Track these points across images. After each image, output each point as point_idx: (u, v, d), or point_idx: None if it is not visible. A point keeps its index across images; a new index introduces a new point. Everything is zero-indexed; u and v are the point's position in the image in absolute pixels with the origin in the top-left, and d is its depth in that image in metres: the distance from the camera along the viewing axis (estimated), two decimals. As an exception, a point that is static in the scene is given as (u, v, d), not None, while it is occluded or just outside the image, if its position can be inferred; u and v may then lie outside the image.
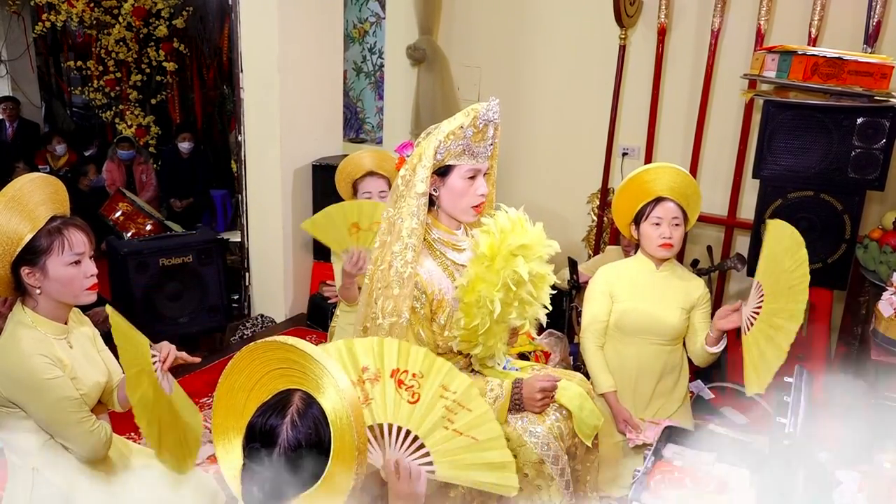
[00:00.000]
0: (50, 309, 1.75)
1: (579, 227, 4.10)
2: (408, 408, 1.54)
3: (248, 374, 1.36)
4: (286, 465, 1.25)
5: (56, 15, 6.02)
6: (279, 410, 1.27)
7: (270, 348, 1.33)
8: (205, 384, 3.24)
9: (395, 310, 1.81)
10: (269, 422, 1.27)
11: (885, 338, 2.36)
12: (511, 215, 1.90)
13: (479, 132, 1.84)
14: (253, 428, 1.29)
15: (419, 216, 1.81)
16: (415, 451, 1.55)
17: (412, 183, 1.82)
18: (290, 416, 1.26)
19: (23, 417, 1.71)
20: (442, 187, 1.88)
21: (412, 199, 1.82)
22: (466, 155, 1.85)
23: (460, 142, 1.82)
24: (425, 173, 1.80)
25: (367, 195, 2.83)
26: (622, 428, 2.44)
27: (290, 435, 1.25)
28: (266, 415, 1.28)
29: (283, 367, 1.32)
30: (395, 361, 1.56)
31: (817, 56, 2.70)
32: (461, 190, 1.87)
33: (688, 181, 2.46)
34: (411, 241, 1.81)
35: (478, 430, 1.55)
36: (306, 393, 1.29)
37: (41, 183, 1.74)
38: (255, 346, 1.35)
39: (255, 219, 4.05)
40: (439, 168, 1.85)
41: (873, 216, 3.22)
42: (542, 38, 4.07)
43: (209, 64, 6.20)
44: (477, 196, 1.88)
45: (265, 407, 1.30)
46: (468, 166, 1.85)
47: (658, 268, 2.50)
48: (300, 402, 1.28)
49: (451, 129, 1.82)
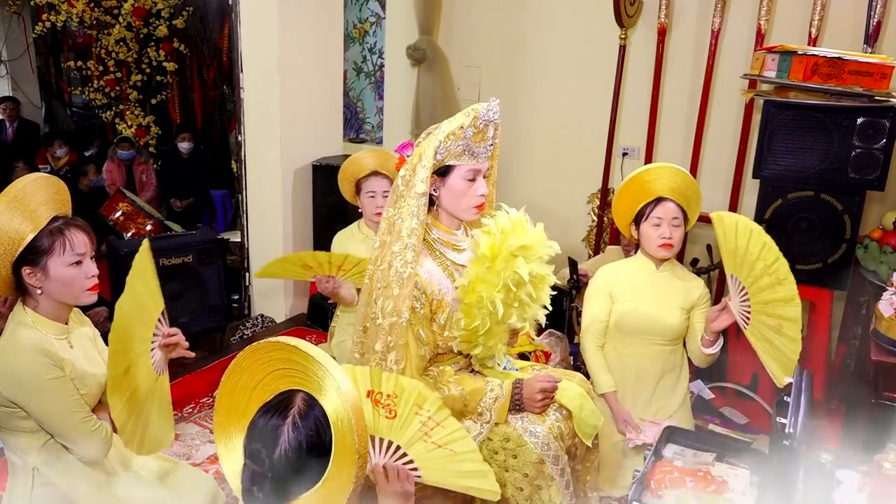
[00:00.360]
0: (51, 309, 1.75)
1: (579, 227, 4.10)
2: (387, 422, 1.59)
3: (251, 374, 1.36)
4: (287, 465, 1.25)
5: (56, 15, 6.02)
6: (281, 411, 1.27)
7: (273, 349, 1.33)
8: (205, 384, 3.25)
9: (394, 310, 1.81)
10: (271, 422, 1.26)
11: (885, 338, 2.35)
12: (512, 216, 1.90)
13: (479, 132, 1.84)
14: (254, 427, 1.29)
15: (419, 216, 1.81)
16: (399, 459, 1.57)
17: (412, 183, 1.82)
18: (292, 417, 1.26)
19: (23, 417, 1.71)
20: (442, 187, 1.88)
21: (412, 199, 1.82)
22: (466, 155, 1.85)
23: (460, 142, 1.82)
24: (425, 173, 1.80)
25: (371, 194, 2.83)
26: (622, 428, 2.44)
27: (291, 436, 1.25)
28: (268, 415, 1.28)
29: (286, 367, 1.32)
30: (369, 384, 1.60)
31: (817, 56, 2.70)
32: (461, 190, 1.87)
33: (688, 181, 2.46)
34: (411, 241, 1.81)
35: (454, 444, 1.60)
36: (308, 394, 1.29)
37: (43, 183, 1.74)
38: (257, 346, 1.35)
39: (255, 219, 4.05)
40: (439, 168, 1.85)
41: (873, 216, 3.22)
42: (542, 38, 4.07)
43: (209, 64, 6.20)
44: (477, 196, 1.88)
45: (267, 407, 1.30)
46: (468, 166, 1.85)
47: (658, 268, 2.50)
48: (302, 402, 1.28)
49: (452, 130, 1.81)
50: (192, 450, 2.71)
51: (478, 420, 1.90)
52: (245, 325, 4.02)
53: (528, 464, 1.86)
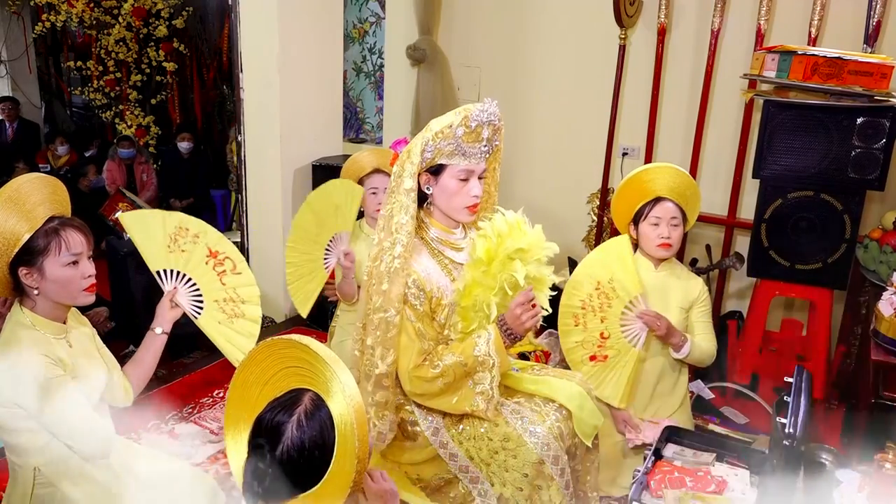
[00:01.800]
0: (48, 309, 1.75)
1: (579, 227, 4.10)
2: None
3: (264, 369, 1.37)
4: (287, 463, 1.26)
5: (56, 15, 6.02)
6: (288, 408, 1.28)
7: (287, 345, 1.34)
8: (205, 384, 3.25)
9: (383, 305, 1.81)
10: (277, 418, 1.27)
11: (885, 338, 2.35)
12: (509, 218, 1.90)
13: (471, 132, 1.83)
14: (261, 422, 1.30)
15: (408, 212, 1.82)
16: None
17: (402, 179, 1.83)
18: (298, 416, 1.26)
19: (24, 418, 1.70)
20: (435, 186, 1.88)
21: (401, 195, 1.83)
22: (458, 155, 1.84)
23: (450, 141, 1.82)
24: (412, 169, 1.81)
25: (373, 191, 2.85)
26: (621, 428, 2.44)
27: (294, 434, 1.25)
28: (275, 411, 1.28)
29: (297, 365, 1.33)
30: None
31: (817, 56, 2.70)
32: (453, 190, 1.87)
33: (687, 181, 2.47)
34: (399, 235, 1.81)
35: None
36: (316, 394, 1.30)
37: (40, 183, 1.73)
38: (272, 342, 1.36)
39: (255, 219, 4.05)
40: (432, 167, 1.86)
41: (873, 216, 3.22)
42: (542, 38, 4.07)
43: (209, 64, 6.21)
44: (470, 197, 1.87)
45: (275, 403, 1.31)
46: (460, 167, 1.85)
47: (657, 267, 2.51)
48: (309, 402, 1.28)
49: (440, 128, 1.81)
50: (193, 450, 2.71)
51: (483, 369, 1.87)
52: (245, 325, 4.02)
53: (527, 464, 1.86)
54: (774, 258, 2.93)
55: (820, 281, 2.91)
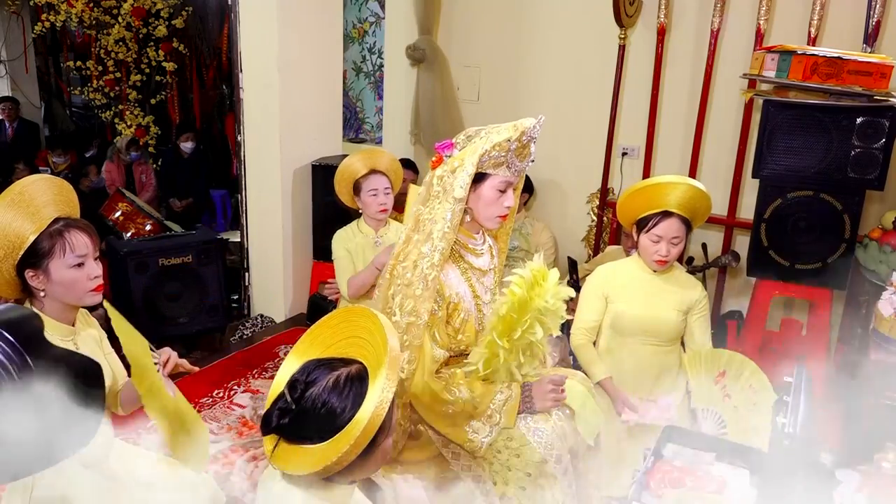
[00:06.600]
0: (56, 311, 1.74)
1: (579, 227, 4.10)
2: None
3: (335, 333, 1.44)
4: (306, 412, 1.29)
5: (55, 15, 6.02)
6: (336, 366, 1.33)
7: (363, 315, 1.41)
8: (205, 384, 3.24)
9: (413, 310, 1.81)
10: (322, 367, 1.33)
11: (885, 338, 2.35)
12: (532, 270, 1.84)
13: (523, 147, 1.84)
14: (308, 364, 1.35)
15: (453, 221, 1.80)
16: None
17: (451, 187, 1.80)
18: (338, 375, 1.30)
19: (23, 418, 1.70)
20: (472, 194, 1.87)
21: (448, 202, 1.80)
22: (505, 167, 1.84)
23: (504, 154, 1.82)
24: (466, 179, 1.79)
25: (373, 192, 2.85)
26: (620, 409, 2.42)
27: (328, 386, 1.29)
28: (325, 361, 1.34)
29: (365, 338, 1.37)
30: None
31: (817, 56, 2.70)
32: (490, 200, 1.87)
33: (699, 195, 2.38)
34: (441, 244, 1.80)
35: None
36: (367, 371, 1.32)
37: (46, 184, 1.73)
38: (351, 309, 1.45)
39: (255, 219, 4.05)
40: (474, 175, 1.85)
41: (873, 216, 3.22)
42: (542, 38, 4.07)
43: (209, 64, 6.21)
44: (503, 207, 1.89)
45: (330, 358, 1.36)
46: (502, 178, 1.85)
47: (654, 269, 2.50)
48: (356, 371, 1.32)
49: (499, 141, 1.80)
50: (192, 450, 2.70)
51: (487, 422, 1.89)
52: (244, 325, 4.02)
53: (531, 463, 1.86)
54: (774, 258, 2.93)
55: (820, 281, 2.91)
